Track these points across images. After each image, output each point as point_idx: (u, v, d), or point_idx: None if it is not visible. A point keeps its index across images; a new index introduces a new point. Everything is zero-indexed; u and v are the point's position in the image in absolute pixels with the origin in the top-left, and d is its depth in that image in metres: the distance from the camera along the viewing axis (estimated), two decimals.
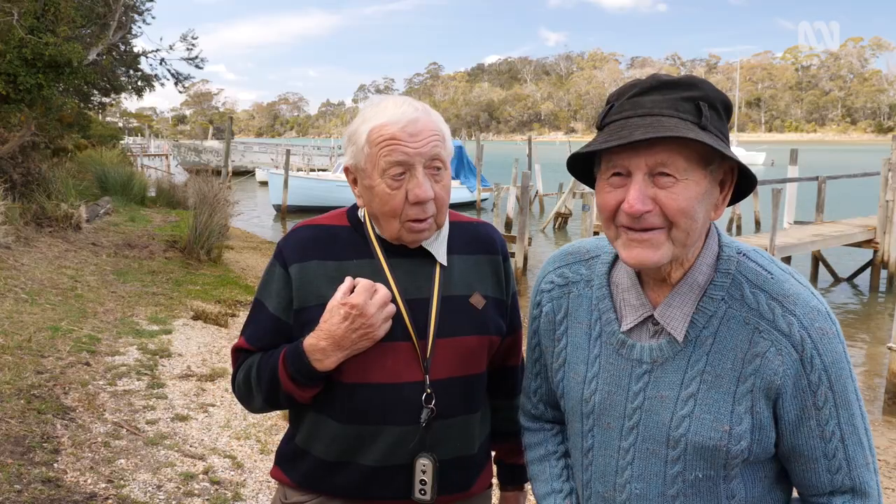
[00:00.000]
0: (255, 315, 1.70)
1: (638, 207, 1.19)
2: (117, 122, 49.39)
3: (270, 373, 1.60)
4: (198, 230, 10.82)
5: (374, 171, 1.56)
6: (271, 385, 1.61)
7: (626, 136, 1.17)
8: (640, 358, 1.32)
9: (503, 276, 1.74)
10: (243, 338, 1.70)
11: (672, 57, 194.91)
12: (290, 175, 25.80)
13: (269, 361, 1.62)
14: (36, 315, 6.50)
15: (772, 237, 12.65)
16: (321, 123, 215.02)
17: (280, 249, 1.67)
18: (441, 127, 1.60)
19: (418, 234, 1.59)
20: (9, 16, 10.69)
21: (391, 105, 1.58)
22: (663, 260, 1.23)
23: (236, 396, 1.74)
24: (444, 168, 1.59)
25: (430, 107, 1.63)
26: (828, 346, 1.22)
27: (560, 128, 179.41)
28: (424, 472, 1.60)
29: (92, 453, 4.06)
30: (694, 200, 1.20)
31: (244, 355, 1.69)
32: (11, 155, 11.81)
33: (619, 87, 1.28)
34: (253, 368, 1.64)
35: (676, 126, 1.17)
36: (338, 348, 1.53)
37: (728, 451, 1.25)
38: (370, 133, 1.56)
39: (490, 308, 1.68)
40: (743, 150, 62.80)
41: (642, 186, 1.19)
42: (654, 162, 1.19)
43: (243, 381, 1.67)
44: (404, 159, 1.53)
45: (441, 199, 1.58)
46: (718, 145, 1.18)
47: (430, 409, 1.59)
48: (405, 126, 1.54)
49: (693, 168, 1.20)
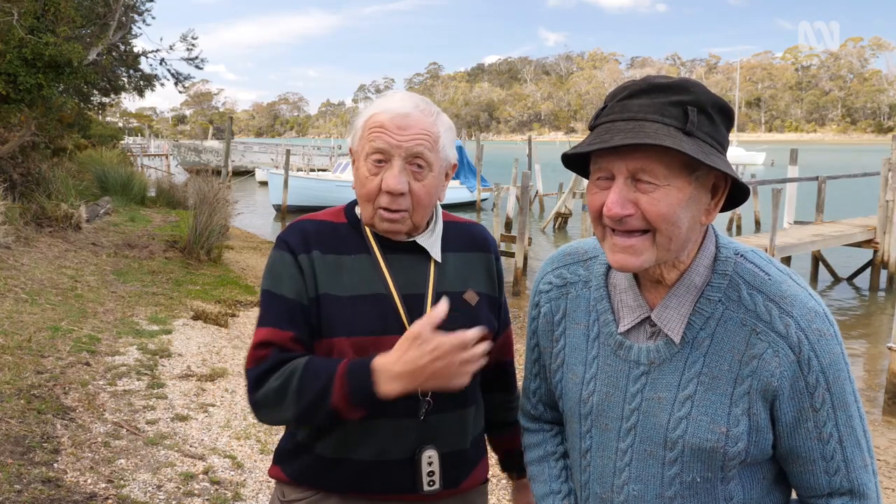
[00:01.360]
0: (271, 305, 1.61)
1: (616, 211, 1.20)
2: (117, 122, 49.37)
3: (322, 383, 1.49)
4: (198, 230, 10.83)
5: (360, 154, 1.63)
6: (317, 397, 1.49)
7: (608, 140, 1.18)
8: (637, 359, 1.32)
9: (496, 275, 1.77)
10: (268, 327, 1.58)
11: (672, 57, 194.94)
12: (290, 175, 25.80)
13: (321, 372, 1.51)
14: (36, 315, 6.51)
15: (772, 237, 12.65)
16: (321, 123, 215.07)
17: (284, 240, 1.67)
18: (437, 131, 1.62)
19: (390, 224, 1.62)
20: (9, 16, 10.69)
21: (396, 97, 1.64)
22: (646, 264, 1.23)
23: (256, 403, 1.57)
24: (427, 168, 1.60)
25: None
26: (825, 348, 1.22)
27: (560, 128, 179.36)
28: (431, 464, 1.62)
29: (92, 453, 4.06)
30: (676, 206, 1.20)
31: (276, 352, 1.55)
32: (11, 155, 11.81)
33: (616, 88, 1.28)
34: (295, 377, 1.51)
35: (656, 132, 1.16)
36: (413, 380, 1.46)
37: (725, 452, 1.25)
38: (367, 118, 1.63)
39: (483, 305, 1.71)
40: (743, 150, 62.83)
41: (622, 190, 1.20)
42: (634, 167, 1.19)
43: (278, 389, 1.52)
44: (384, 147, 1.58)
45: (419, 198, 1.60)
46: (701, 153, 1.16)
47: (428, 402, 1.60)
48: (395, 118, 1.59)
49: (675, 175, 1.19)
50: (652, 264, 1.24)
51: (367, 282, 1.63)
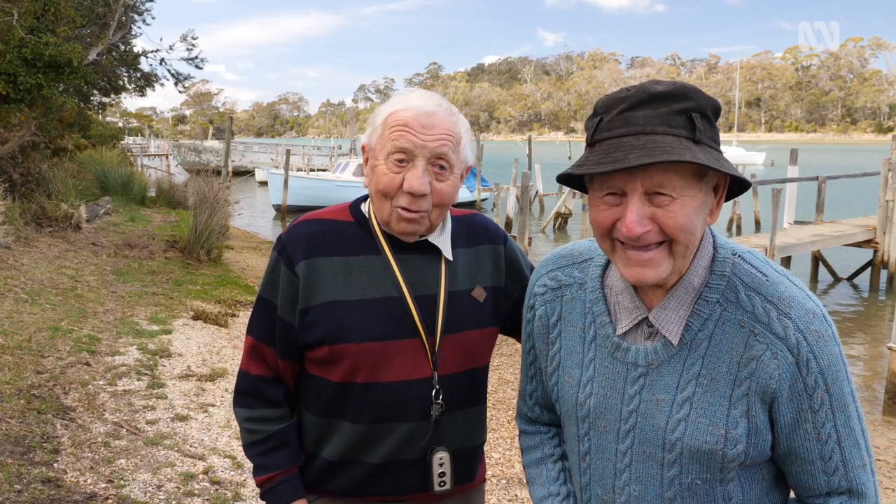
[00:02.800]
0: (261, 313, 1.68)
1: (637, 230, 1.17)
2: (117, 122, 49.32)
3: (260, 461, 1.67)
4: (198, 230, 10.83)
5: (380, 153, 1.58)
6: (254, 456, 1.69)
7: (621, 158, 1.15)
8: (635, 361, 1.32)
9: (502, 263, 1.75)
10: (252, 336, 1.68)
11: (672, 57, 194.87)
12: (289, 175, 25.81)
13: (272, 456, 1.66)
14: (36, 315, 6.51)
15: (772, 237, 12.65)
16: (321, 123, 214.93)
17: (283, 246, 1.63)
18: (459, 131, 1.59)
19: (408, 225, 1.58)
20: (9, 16, 10.69)
21: (417, 96, 1.60)
22: (663, 275, 1.22)
23: (234, 405, 1.73)
24: (448, 169, 1.58)
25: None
26: (824, 349, 1.22)
27: (560, 128, 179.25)
28: (443, 465, 1.62)
29: (92, 453, 4.06)
30: (692, 215, 1.19)
31: (256, 380, 1.68)
32: (11, 155, 11.81)
33: (606, 98, 1.24)
34: (257, 434, 1.67)
35: (672, 146, 1.15)
36: None
37: (724, 454, 1.25)
38: (388, 116, 1.58)
39: (489, 300, 1.70)
40: (743, 150, 62.89)
41: (639, 208, 1.18)
42: (651, 184, 1.17)
43: (245, 420, 1.69)
44: (409, 147, 1.53)
45: (441, 198, 1.57)
46: (715, 162, 1.16)
47: (440, 405, 1.60)
48: (419, 116, 1.55)
49: (689, 185, 1.18)
50: (669, 274, 1.23)
51: (378, 284, 1.60)
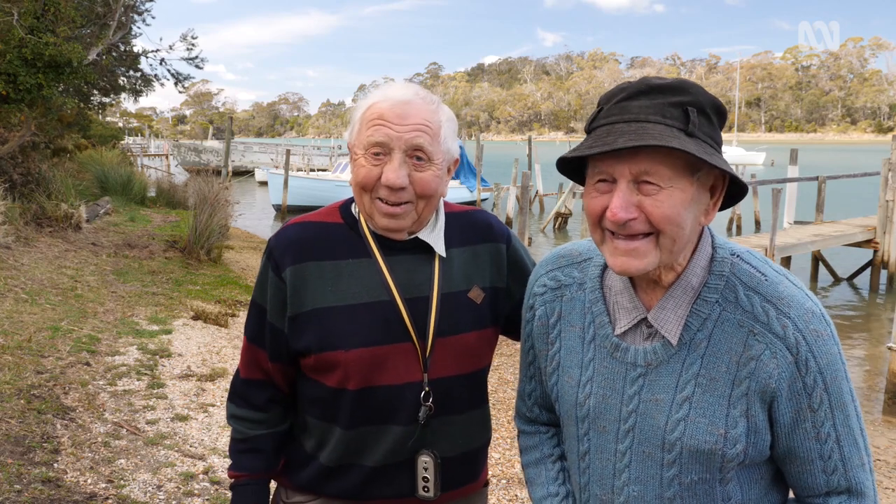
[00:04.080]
0: (254, 316, 1.69)
1: (621, 216, 1.18)
2: (117, 122, 49.39)
3: (231, 455, 1.74)
4: (198, 230, 10.83)
5: (359, 147, 1.55)
6: (232, 453, 1.75)
7: (611, 142, 1.16)
8: (634, 361, 1.32)
9: (504, 263, 1.70)
10: (247, 337, 1.71)
11: (672, 57, 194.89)
12: (289, 175, 25.81)
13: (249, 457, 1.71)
14: (36, 315, 6.51)
15: (772, 237, 12.65)
16: (321, 123, 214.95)
17: (271, 251, 1.62)
18: (438, 120, 1.55)
19: (391, 220, 1.54)
20: (9, 16, 10.69)
21: (394, 86, 1.58)
22: (649, 267, 1.22)
23: (227, 404, 1.79)
24: (427, 160, 1.53)
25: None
26: (823, 349, 1.22)
27: (560, 128, 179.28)
28: (426, 469, 1.59)
29: (92, 453, 4.06)
30: (680, 208, 1.19)
31: (246, 385, 1.74)
32: (11, 155, 11.81)
33: (610, 90, 1.26)
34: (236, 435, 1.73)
35: (661, 134, 1.15)
36: None
37: (724, 454, 1.25)
38: (365, 110, 1.56)
39: (488, 300, 1.66)
40: (743, 150, 62.87)
41: (626, 194, 1.18)
42: (638, 170, 1.17)
43: (234, 419, 1.75)
44: (384, 140, 1.51)
45: (422, 188, 1.53)
46: (705, 154, 1.16)
47: (428, 407, 1.57)
48: (395, 106, 1.52)
49: (679, 176, 1.18)
50: (654, 267, 1.23)
51: (368, 288, 1.57)
